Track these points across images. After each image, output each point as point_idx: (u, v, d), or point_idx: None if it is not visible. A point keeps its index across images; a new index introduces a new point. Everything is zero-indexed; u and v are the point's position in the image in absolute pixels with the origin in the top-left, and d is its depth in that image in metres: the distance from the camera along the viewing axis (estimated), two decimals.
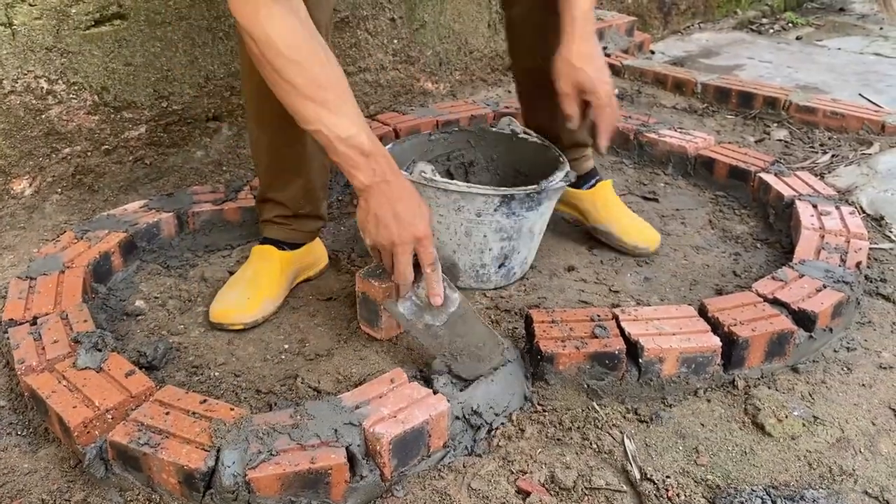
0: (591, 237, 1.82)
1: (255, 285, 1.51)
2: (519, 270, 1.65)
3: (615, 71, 2.98)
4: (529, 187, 1.50)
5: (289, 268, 1.57)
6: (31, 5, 1.68)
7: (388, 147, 1.62)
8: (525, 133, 1.73)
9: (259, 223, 1.62)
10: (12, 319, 1.34)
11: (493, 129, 1.78)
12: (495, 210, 1.49)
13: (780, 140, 2.40)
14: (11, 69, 1.70)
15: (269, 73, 1.19)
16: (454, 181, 1.51)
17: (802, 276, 1.51)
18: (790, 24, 4.03)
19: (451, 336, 1.27)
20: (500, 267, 1.60)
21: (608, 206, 1.78)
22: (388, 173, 1.24)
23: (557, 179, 1.53)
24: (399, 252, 1.25)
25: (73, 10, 1.75)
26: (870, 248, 1.69)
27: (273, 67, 1.17)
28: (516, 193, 1.49)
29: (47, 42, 1.73)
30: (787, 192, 1.86)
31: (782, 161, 2.12)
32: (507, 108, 2.42)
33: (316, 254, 1.65)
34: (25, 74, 1.72)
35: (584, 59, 1.44)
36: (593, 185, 1.79)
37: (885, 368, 1.41)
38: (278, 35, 1.15)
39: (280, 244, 1.57)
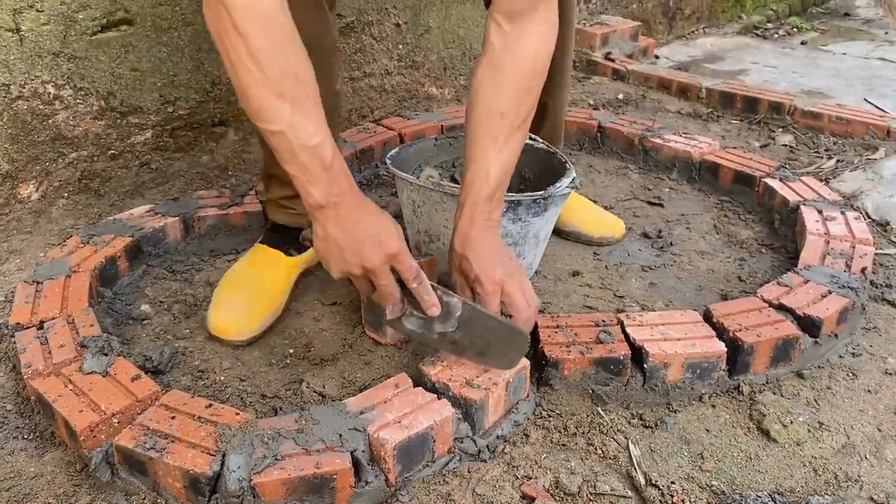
0: (594, 242, 1.83)
1: (258, 297, 1.47)
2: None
3: (620, 76, 2.98)
4: (536, 193, 1.50)
5: (294, 273, 1.56)
6: (38, 11, 1.69)
7: (393, 152, 1.64)
8: (531, 139, 1.73)
9: (264, 203, 1.60)
10: (19, 323, 1.35)
11: None
12: (501, 215, 1.49)
13: (785, 145, 2.40)
14: (19, 74, 1.70)
15: (233, 52, 1.02)
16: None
17: (808, 281, 1.51)
18: (795, 29, 4.02)
19: (469, 338, 1.22)
20: None
21: (567, 206, 1.78)
22: (346, 191, 1.11)
23: (564, 185, 1.53)
24: (377, 276, 1.13)
25: (81, 16, 1.76)
26: (875, 254, 1.69)
27: (244, 45, 1.00)
28: (522, 199, 1.49)
29: (54, 47, 1.74)
30: (792, 198, 1.86)
31: (787, 166, 2.12)
32: None
33: None
34: (33, 80, 1.73)
35: (471, 246, 1.24)
36: None
37: (890, 374, 1.41)
38: (260, 8, 1.00)
39: (286, 244, 1.55)
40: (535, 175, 1.71)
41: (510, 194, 1.48)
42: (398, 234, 1.15)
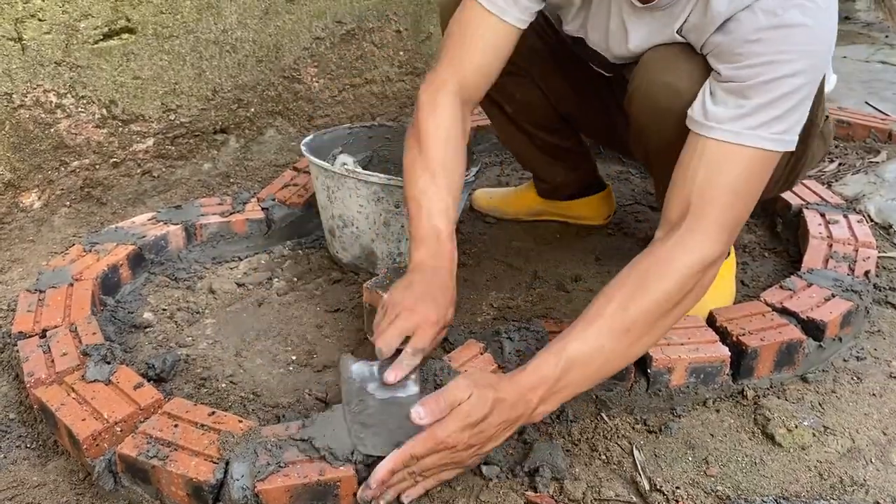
0: (598, 247, 1.82)
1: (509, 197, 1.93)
2: None
3: None
4: None
5: (536, 207, 1.93)
6: (40, 20, 1.70)
7: (308, 139, 1.72)
8: None
9: None
10: (21, 332, 1.35)
11: None
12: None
13: None
14: (21, 83, 1.71)
15: (411, 130, 1.33)
16: (375, 173, 1.57)
17: (811, 285, 1.50)
18: None
19: (376, 411, 1.12)
20: None
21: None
22: (439, 267, 1.24)
23: (470, 174, 1.62)
24: (398, 319, 1.17)
25: (82, 25, 1.76)
26: (878, 257, 1.69)
27: (416, 130, 1.31)
28: None
29: (56, 56, 1.75)
30: (794, 201, 1.86)
31: None
32: None
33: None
34: (35, 88, 1.74)
35: (485, 385, 1.05)
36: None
37: (895, 377, 1.41)
38: (437, 110, 1.30)
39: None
40: None
41: None
42: (446, 317, 1.22)
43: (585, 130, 1.84)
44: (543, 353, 1.09)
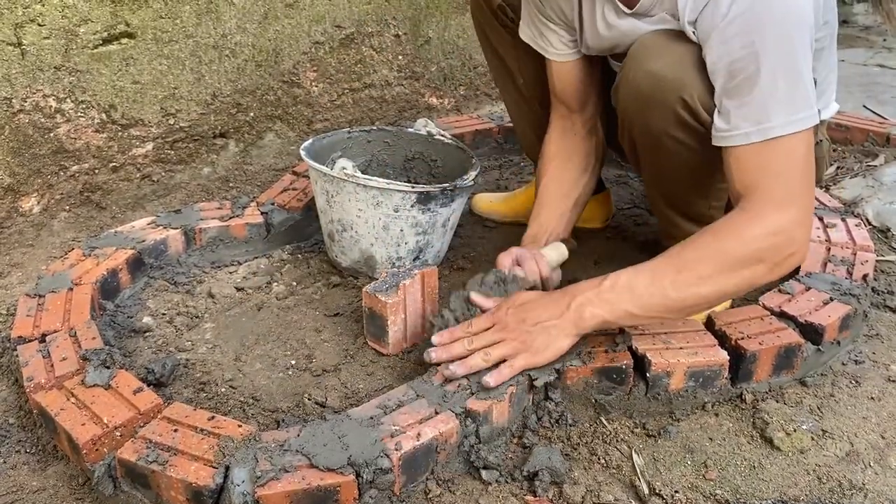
0: (596, 251, 1.82)
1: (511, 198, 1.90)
2: (433, 262, 1.73)
3: None
4: (444, 185, 1.60)
5: None
6: (39, 25, 1.70)
7: (307, 143, 1.73)
8: (440, 134, 1.85)
9: None
10: (21, 337, 1.35)
11: (410, 130, 1.89)
12: (412, 206, 1.58)
13: None
14: (20, 88, 1.71)
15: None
16: (374, 178, 1.58)
17: (809, 288, 1.51)
18: None
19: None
20: (415, 259, 1.68)
21: None
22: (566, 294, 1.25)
23: (470, 178, 1.64)
24: (497, 348, 1.22)
25: (82, 30, 1.77)
26: (876, 261, 1.69)
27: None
28: (432, 190, 1.57)
29: (56, 61, 1.75)
30: None
31: None
32: (510, 122, 2.42)
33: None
34: (34, 93, 1.74)
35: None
36: None
37: (893, 381, 1.41)
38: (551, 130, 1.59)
39: None
40: (444, 169, 1.84)
41: (421, 186, 1.58)
42: (555, 354, 1.24)
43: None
44: None
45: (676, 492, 1.14)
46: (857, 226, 1.76)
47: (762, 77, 1.14)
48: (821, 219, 1.78)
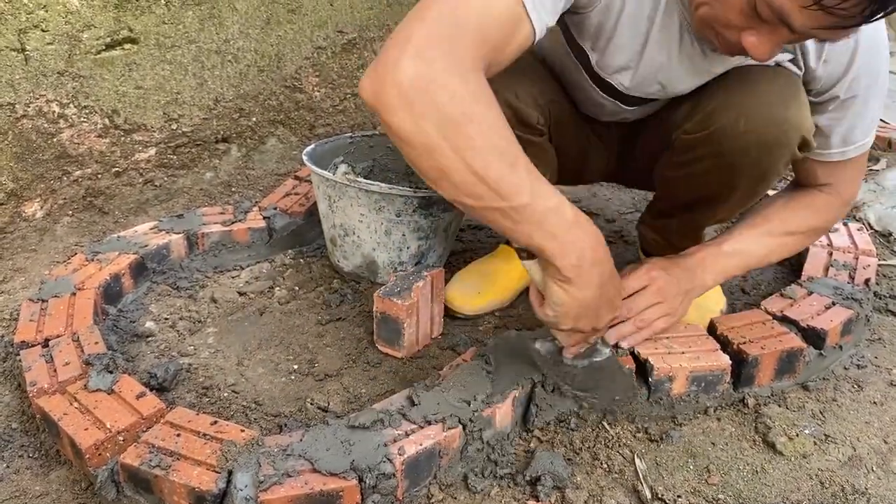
0: None
1: (489, 283, 1.63)
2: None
3: None
4: None
5: (526, 276, 1.61)
6: (43, 31, 1.70)
7: (309, 148, 1.72)
8: None
9: None
10: (24, 341, 1.35)
11: None
12: (414, 211, 1.58)
13: None
14: (24, 94, 1.72)
15: (462, 139, 0.89)
16: (376, 182, 1.58)
17: (811, 293, 1.51)
18: None
19: (584, 378, 1.25)
20: (416, 264, 1.68)
21: None
22: (597, 244, 1.03)
23: None
24: (596, 333, 1.18)
25: (85, 36, 1.77)
26: (878, 265, 1.69)
27: (467, 129, 0.89)
28: (434, 195, 1.56)
29: (59, 67, 1.75)
30: None
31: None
32: None
33: None
34: (37, 99, 1.74)
35: (674, 266, 1.37)
36: None
37: (895, 385, 1.41)
38: (467, 90, 0.90)
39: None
40: None
41: (424, 191, 1.57)
42: (622, 293, 1.22)
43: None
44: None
45: (679, 496, 1.14)
46: (859, 230, 1.76)
47: (869, 107, 1.29)
48: None
